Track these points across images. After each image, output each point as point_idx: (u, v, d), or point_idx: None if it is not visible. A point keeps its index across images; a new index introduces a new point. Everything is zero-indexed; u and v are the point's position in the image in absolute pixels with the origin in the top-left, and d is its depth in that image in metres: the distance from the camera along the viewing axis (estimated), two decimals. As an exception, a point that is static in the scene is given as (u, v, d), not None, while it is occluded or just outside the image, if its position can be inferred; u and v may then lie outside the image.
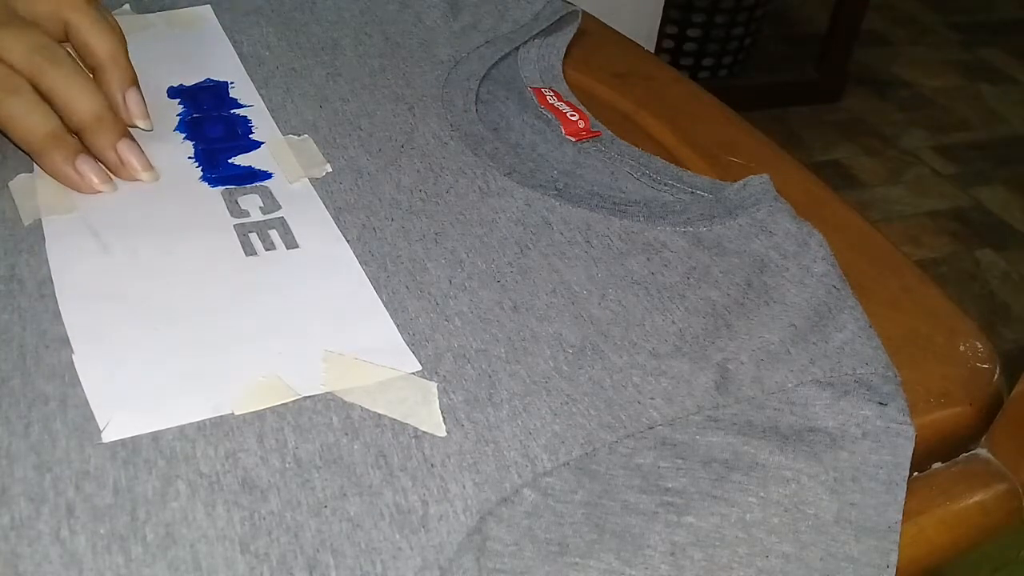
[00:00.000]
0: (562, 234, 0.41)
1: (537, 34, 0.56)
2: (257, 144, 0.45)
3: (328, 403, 0.32)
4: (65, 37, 0.42)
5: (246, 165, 0.43)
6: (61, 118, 0.40)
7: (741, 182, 0.44)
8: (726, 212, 0.42)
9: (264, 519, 0.28)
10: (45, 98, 0.39)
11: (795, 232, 0.41)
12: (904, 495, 0.32)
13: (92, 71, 0.42)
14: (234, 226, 0.39)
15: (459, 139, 0.46)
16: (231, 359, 0.33)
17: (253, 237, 0.39)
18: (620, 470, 0.31)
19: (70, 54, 0.41)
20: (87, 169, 0.40)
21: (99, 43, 0.41)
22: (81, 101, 0.39)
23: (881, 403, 0.34)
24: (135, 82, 0.42)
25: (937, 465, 0.38)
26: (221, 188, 0.41)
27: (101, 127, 0.40)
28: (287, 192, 0.42)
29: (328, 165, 0.44)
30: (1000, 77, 2.17)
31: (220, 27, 0.54)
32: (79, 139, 0.40)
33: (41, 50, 0.39)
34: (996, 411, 0.38)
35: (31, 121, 0.39)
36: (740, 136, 0.54)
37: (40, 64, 0.39)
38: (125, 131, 0.41)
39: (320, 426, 0.31)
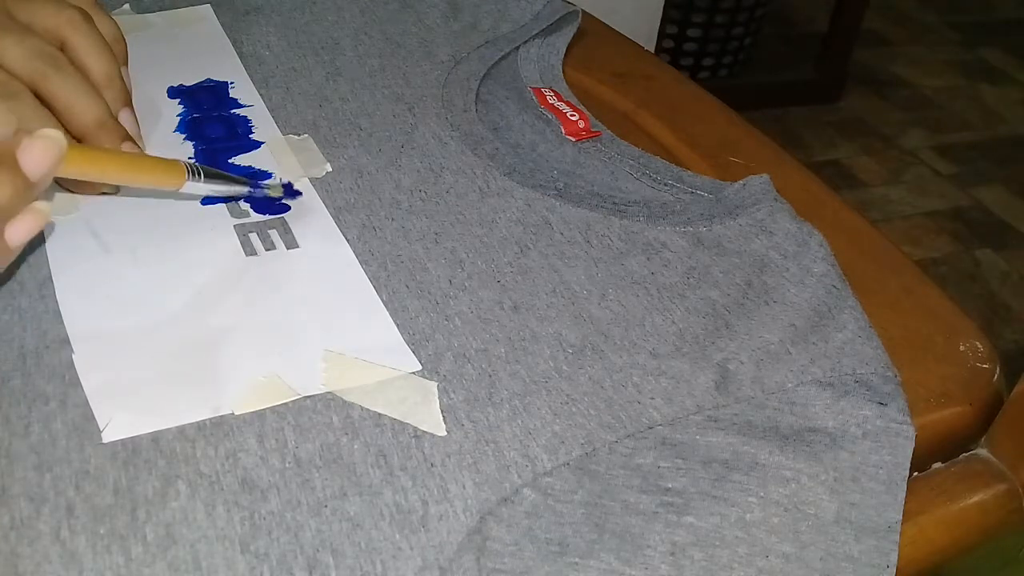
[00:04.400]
0: (562, 234, 0.41)
1: (537, 34, 0.56)
2: (257, 144, 0.45)
3: (328, 403, 0.32)
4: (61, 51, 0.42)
5: (246, 165, 0.43)
6: (63, 123, 0.40)
7: (741, 182, 0.44)
8: (726, 212, 0.42)
9: (264, 519, 0.28)
10: (46, 104, 0.39)
11: (795, 232, 0.41)
12: (904, 495, 0.32)
13: None
14: (234, 226, 0.39)
15: (459, 139, 0.46)
16: (231, 359, 0.33)
17: (253, 237, 0.39)
18: (620, 470, 0.31)
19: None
20: None
21: (95, 64, 0.41)
22: (84, 106, 0.39)
23: (881, 403, 0.34)
24: (129, 103, 0.43)
25: (937, 465, 0.38)
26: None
27: (104, 132, 0.40)
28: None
29: (328, 165, 0.44)
30: (1000, 77, 2.18)
31: (220, 27, 0.54)
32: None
33: (43, 56, 0.39)
34: (996, 411, 0.38)
35: (31, 125, 0.39)
36: (740, 136, 0.54)
37: (42, 70, 0.39)
38: (127, 135, 0.41)
39: (320, 426, 0.31)
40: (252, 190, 0.40)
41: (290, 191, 0.41)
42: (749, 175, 0.44)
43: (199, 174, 0.38)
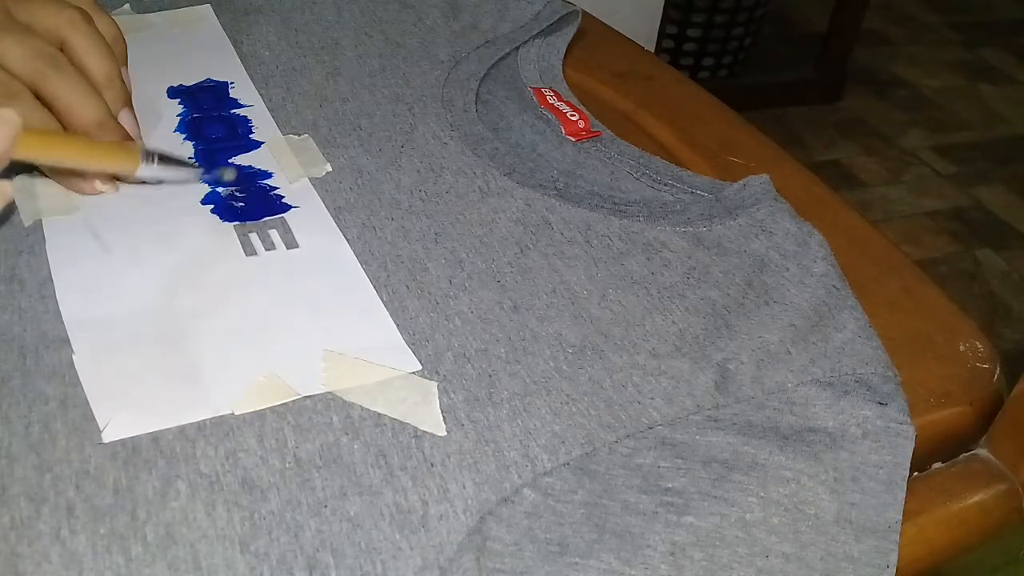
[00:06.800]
0: (562, 234, 0.41)
1: (537, 34, 0.56)
2: (257, 144, 0.45)
3: (328, 403, 0.32)
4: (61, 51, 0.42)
5: (246, 165, 0.43)
6: (62, 123, 0.40)
7: (741, 182, 0.44)
8: (726, 212, 0.42)
9: (264, 519, 0.28)
10: (46, 104, 0.39)
11: (795, 232, 0.41)
12: (904, 495, 0.32)
13: None
14: (234, 226, 0.39)
15: (459, 139, 0.46)
16: (231, 359, 0.33)
17: (253, 237, 0.39)
18: (620, 470, 0.31)
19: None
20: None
21: (95, 64, 0.41)
22: (83, 106, 0.39)
23: (881, 403, 0.34)
24: (129, 102, 0.43)
25: (937, 465, 0.38)
26: (221, 188, 0.41)
27: (103, 132, 0.40)
28: (287, 192, 0.42)
29: (328, 165, 0.44)
30: (1000, 77, 2.18)
31: (220, 27, 0.54)
32: None
33: (43, 56, 0.39)
34: (996, 411, 0.38)
35: (31, 125, 0.39)
36: (740, 136, 0.54)
37: (42, 70, 0.39)
38: (126, 135, 0.41)
39: (320, 426, 0.31)
40: (206, 174, 0.41)
41: (251, 178, 0.42)
42: (749, 175, 0.44)
43: (153, 159, 0.39)
